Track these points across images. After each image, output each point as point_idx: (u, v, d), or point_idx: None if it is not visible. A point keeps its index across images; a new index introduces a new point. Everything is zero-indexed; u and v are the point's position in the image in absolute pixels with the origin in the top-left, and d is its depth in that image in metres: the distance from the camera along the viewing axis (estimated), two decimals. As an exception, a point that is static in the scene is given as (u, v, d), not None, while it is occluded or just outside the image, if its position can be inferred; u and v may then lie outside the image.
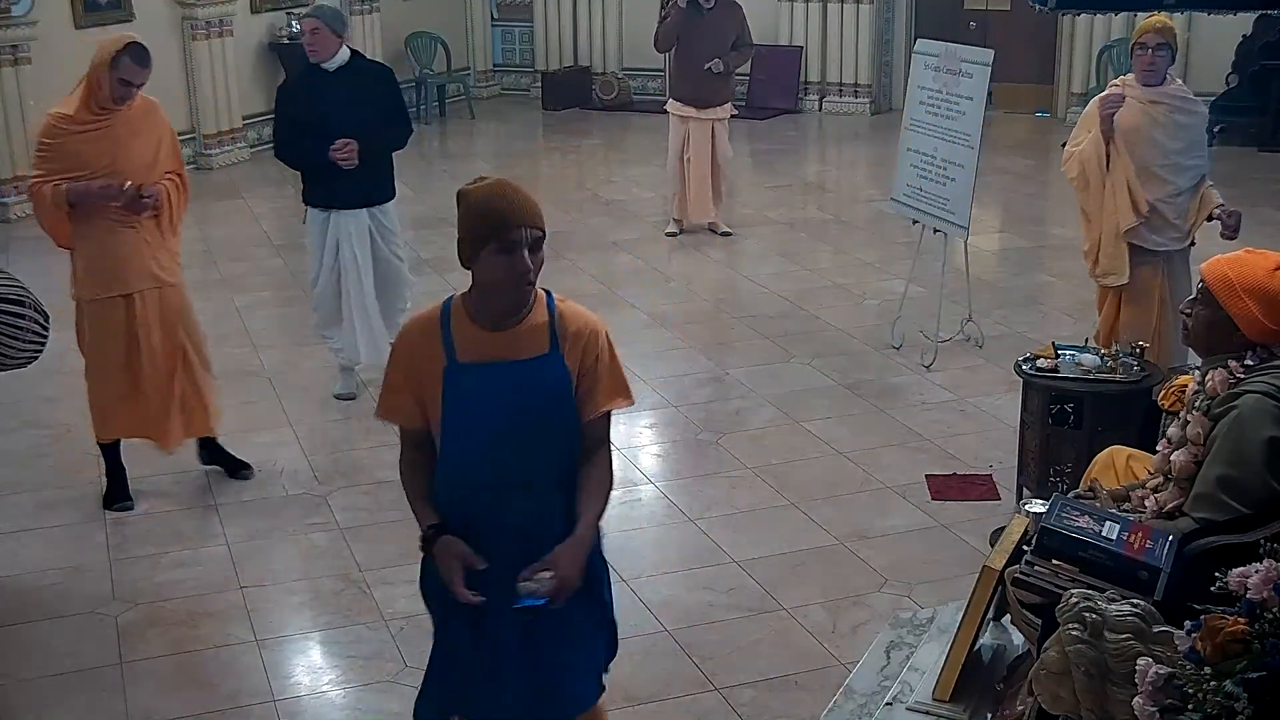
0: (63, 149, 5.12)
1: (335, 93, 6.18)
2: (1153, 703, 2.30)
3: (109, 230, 5.20)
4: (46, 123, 5.22)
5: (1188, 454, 3.30)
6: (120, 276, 5.25)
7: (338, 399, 6.62)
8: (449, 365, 2.96)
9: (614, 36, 15.18)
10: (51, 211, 5.15)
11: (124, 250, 5.24)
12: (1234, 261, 3.30)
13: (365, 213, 6.44)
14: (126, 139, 5.18)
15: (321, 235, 6.47)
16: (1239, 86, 12.32)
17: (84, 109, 5.14)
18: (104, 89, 5.10)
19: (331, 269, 6.49)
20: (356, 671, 4.39)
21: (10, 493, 5.70)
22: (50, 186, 5.11)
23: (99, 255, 5.23)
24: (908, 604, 4.59)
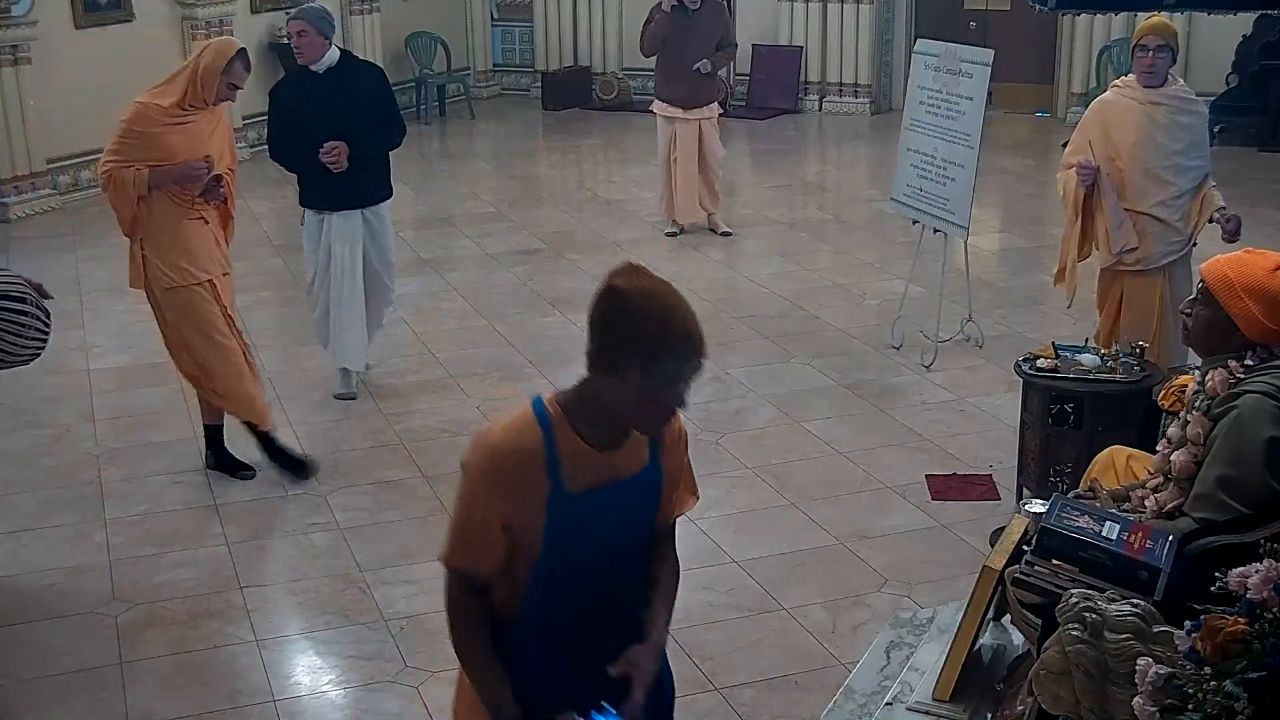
0: (151, 138, 5.27)
1: (324, 95, 6.15)
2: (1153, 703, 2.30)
3: (181, 220, 5.39)
4: (138, 110, 5.32)
5: (1188, 454, 3.30)
6: (201, 263, 5.44)
7: (338, 399, 6.62)
8: (554, 494, 2.51)
9: (614, 36, 15.18)
10: (129, 195, 5.30)
11: (198, 238, 5.44)
12: (1234, 261, 3.30)
13: (359, 214, 6.42)
14: (207, 134, 5.39)
15: (316, 237, 6.47)
16: (1239, 86, 12.31)
17: (179, 102, 5.31)
18: (209, 90, 5.30)
19: (326, 271, 6.47)
20: (356, 671, 4.39)
21: (10, 493, 5.70)
22: (132, 171, 5.26)
23: (174, 244, 5.39)
24: (908, 604, 4.59)
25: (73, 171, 10.62)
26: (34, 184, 10.43)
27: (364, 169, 6.23)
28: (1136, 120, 5.44)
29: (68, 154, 10.48)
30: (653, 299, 2.50)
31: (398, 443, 6.12)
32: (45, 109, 10.38)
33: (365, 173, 6.26)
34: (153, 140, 5.28)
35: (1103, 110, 5.56)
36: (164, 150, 5.29)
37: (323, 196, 6.35)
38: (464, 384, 6.82)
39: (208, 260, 5.48)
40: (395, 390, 6.75)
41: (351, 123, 6.14)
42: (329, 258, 6.45)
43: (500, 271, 8.80)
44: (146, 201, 5.32)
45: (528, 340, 7.45)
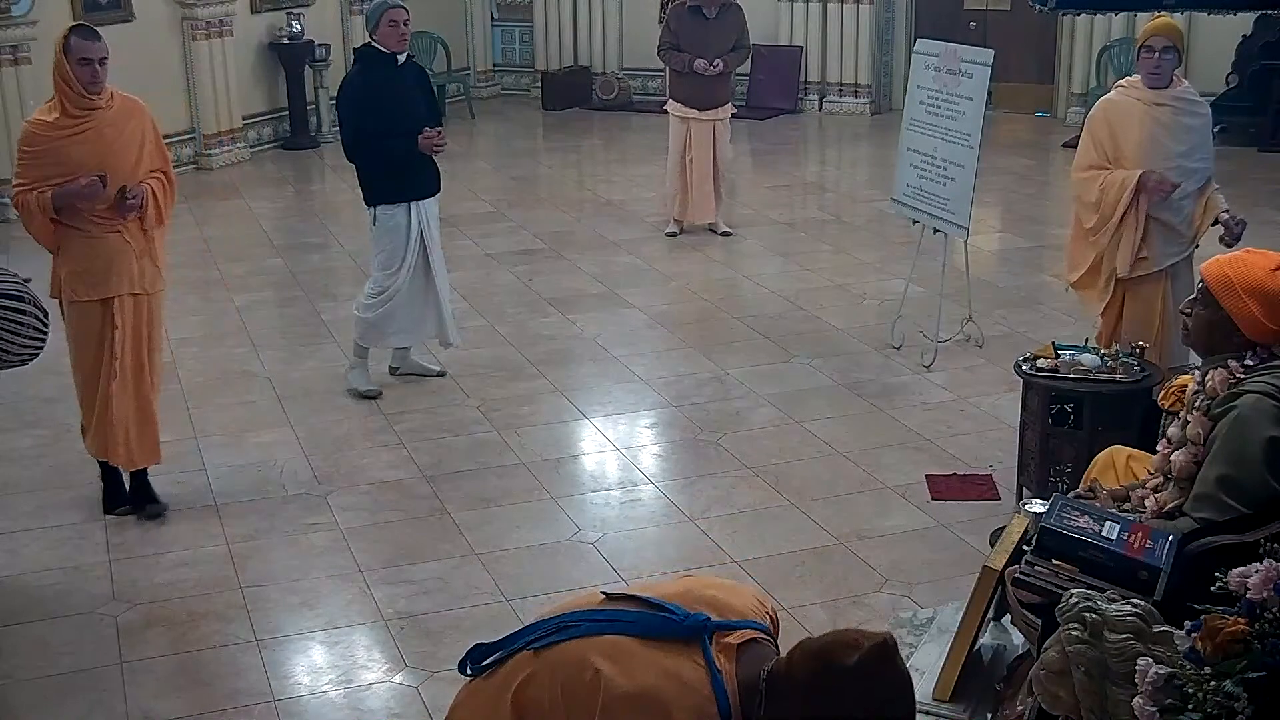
0: (46, 155, 5.07)
1: (408, 83, 6.41)
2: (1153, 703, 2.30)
3: (92, 234, 5.15)
4: (26, 131, 5.15)
5: (1188, 454, 3.31)
6: (101, 280, 5.17)
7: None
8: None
9: (614, 36, 15.17)
10: (39, 219, 5.09)
11: (107, 254, 5.17)
12: (1234, 262, 3.31)
13: (435, 200, 6.63)
14: (111, 138, 5.14)
15: (403, 232, 6.47)
16: (1239, 86, 12.31)
17: (62, 113, 5.09)
18: (72, 81, 5.04)
19: (415, 264, 6.52)
20: (356, 671, 4.39)
21: (10, 493, 5.70)
22: (35, 194, 5.04)
23: (82, 258, 5.16)
24: (908, 604, 4.58)
25: (73, 171, 10.62)
26: (34, 184, 10.41)
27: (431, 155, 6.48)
28: (1141, 121, 5.42)
29: (68, 154, 10.46)
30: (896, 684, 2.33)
31: (398, 443, 6.12)
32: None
33: (433, 159, 6.51)
34: (50, 156, 5.06)
35: (1108, 111, 5.55)
36: (66, 164, 5.02)
37: (415, 186, 6.47)
38: (464, 384, 6.82)
39: (117, 278, 5.16)
40: (395, 390, 6.75)
41: (432, 108, 6.54)
42: (420, 246, 6.52)
43: (500, 271, 8.80)
44: (61, 217, 5.09)
45: (528, 340, 7.45)
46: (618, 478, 5.77)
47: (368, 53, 6.48)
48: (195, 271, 8.87)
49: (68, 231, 5.14)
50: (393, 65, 6.38)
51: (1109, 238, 5.48)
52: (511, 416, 6.40)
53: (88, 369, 5.26)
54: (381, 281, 6.55)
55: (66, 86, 5.06)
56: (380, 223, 6.50)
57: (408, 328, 6.69)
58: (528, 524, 5.34)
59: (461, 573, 4.97)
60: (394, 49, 6.36)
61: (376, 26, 6.37)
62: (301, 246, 9.54)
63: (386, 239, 6.51)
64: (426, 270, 6.59)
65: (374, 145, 6.32)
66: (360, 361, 6.72)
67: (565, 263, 8.96)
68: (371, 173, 6.46)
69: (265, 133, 12.91)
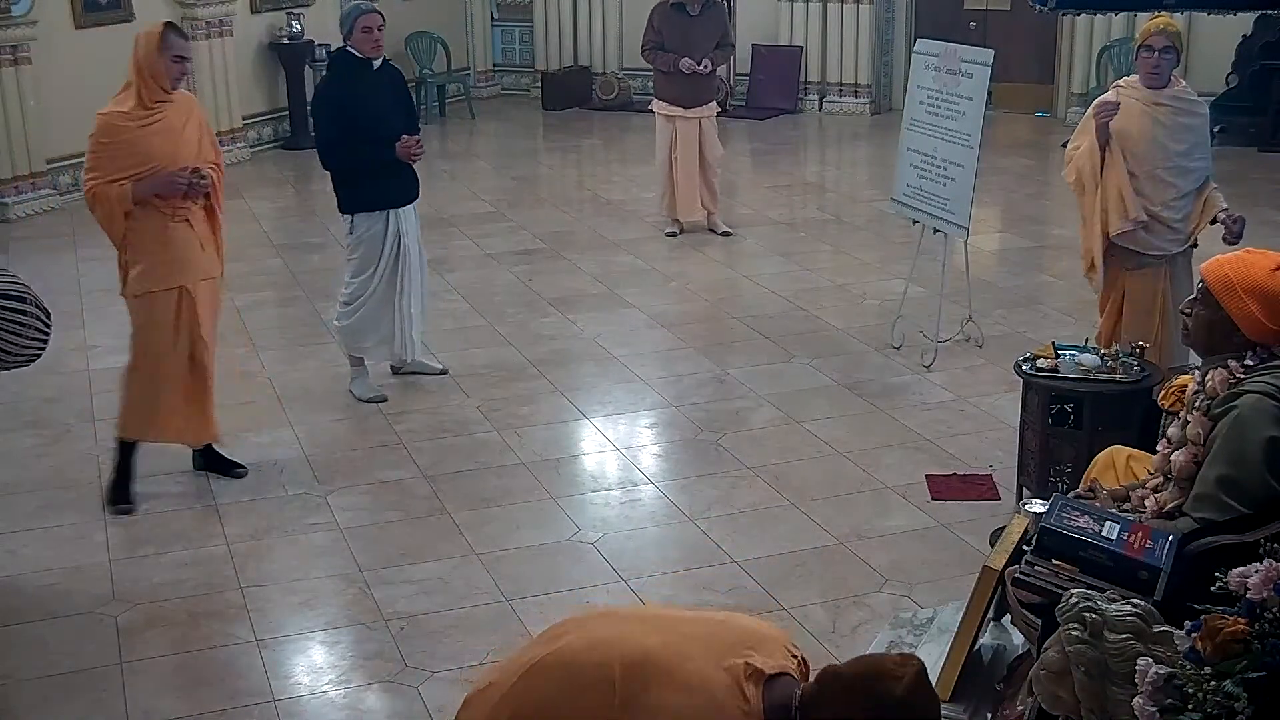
0: (124, 146, 5.20)
1: (384, 89, 6.36)
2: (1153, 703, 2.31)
3: (164, 225, 5.31)
4: (103, 122, 5.24)
5: (1188, 454, 3.31)
6: (177, 270, 5.36)
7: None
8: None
9: (614, 36, 15.18)
10: (115, 211, 5.23)
11: (179, 243, 5.36)
12: (1234, 261, 3.31)
13: (412, 206, 6.58)
14: (179, 129, 5.31)
15: (379, 239, 6.44)
16: (1239, 86, 12.31)
17: (139, 104, 5.24)
18: (160, 75, 5.22)
19: (394, 270, 6.49)
20: (356, 671, 4.39)
21: (10, 493, 5.70)
22: (116, 187, 5.18)
23: (156, 250, 5.31)
24: (908, 604, 4.58)
25: (73, 171, 10.58)
26: (34, 184, 10.43)
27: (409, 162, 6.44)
28: (1140, 121, 5.43)
29: (68, 154, 10.44)
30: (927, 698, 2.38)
31: (398, 443, 6.12)
32: (45, 109, 10.38)
33: (411, 166, 6.46)
34: (126, 148, 5.19)
35: (1106, 110, 5.55)
36: (141, 155, 5.19)
37: (392, 193, 6.42)
38: (464, 384, 6.82)
39: (189, 267, 5.37)
40: (395, 390, 6.75)
41: (409, 114, 6.49)
42: (397, 254, 6.48)
43: (500, 271, 8.80)
44: (132, 211, 5.24)
45: (528, 340, 7.45)
46: (618, 478, 5.77)
47: (341, 58, 6.43)
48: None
49: (138, 226, 5.28)
50: (368, 70, 6.33)
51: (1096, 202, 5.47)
52: (511, 416, 6.40)
53: (161, 355, 5.42)
54: (354, 287, 6.52)
55: (150, 79, 5.23)
56: (357, 230, 6.46)
57: (385, 336, 6.62)
58: (528, 524, 5.35)
59: (461, 573, 4.97)
60: (368, 54, 6.30)
61: (351, 32, 6.32)
62: (301, 246, 9.54)
63: (363, 246, 6.48)
64: (395, 278, 6.51)
65: (350, 152, 6.27)
66: (359, 370, 6.71)
67: (565, 263, 8.96)
68: (349, 180, 6.41)
69: (265, 133, 12.91)
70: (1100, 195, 5.46)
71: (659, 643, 2.47)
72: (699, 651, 2.46)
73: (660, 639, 2.48)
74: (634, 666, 2.41)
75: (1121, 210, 5.41)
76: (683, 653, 2.45)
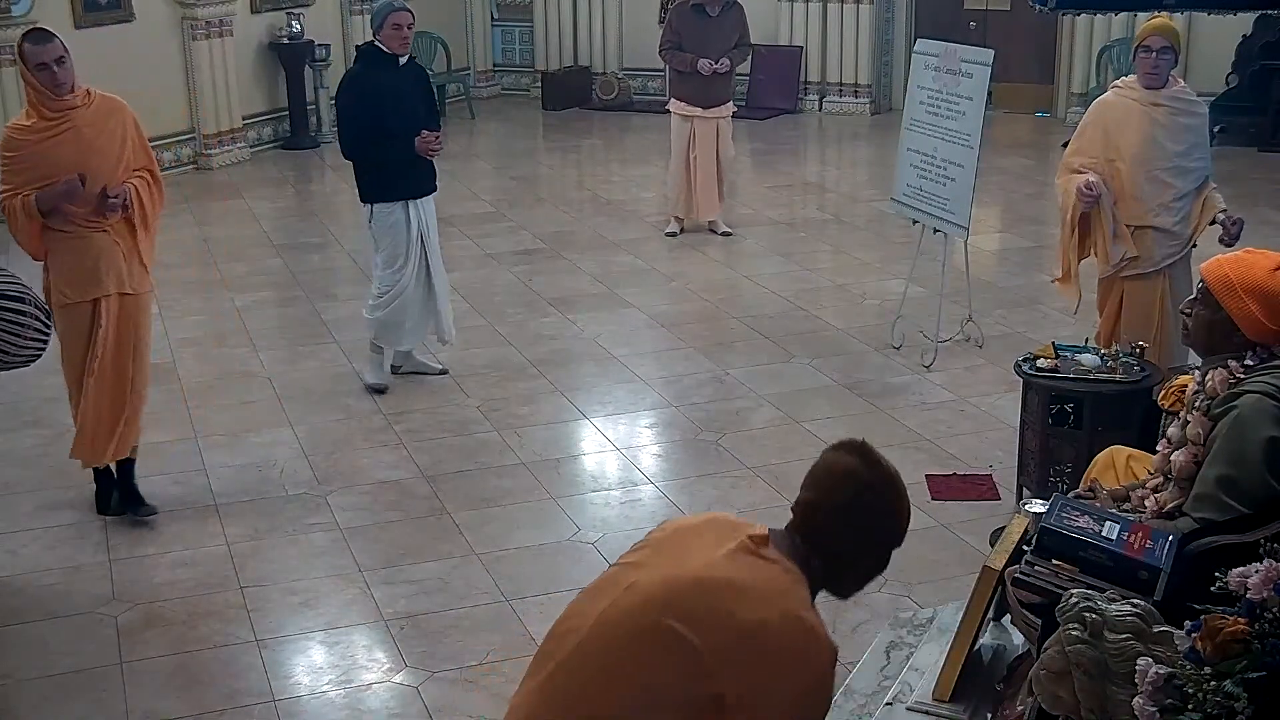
0: (26, 159, 5.06)
1: (409, 84, 6.47)
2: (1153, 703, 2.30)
3: (80, 235, 5.13)
4: (5, 136, 5.15)
5: (1188, 454, 3.30)
6: (90, 281, 5.14)
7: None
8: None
9: (614, 36, 15.17)
10: (25, 224, 5.07)
11: (94, 254, 5.14)
12: (1234, 261, 3.31)
13: (431, 199, 6.68)
14: (91, 137, 5.11)
15: (403, 230, 6.53)
16: (1239, 86, 12.31)
17: (37, 116, 5.09)
18: (36, 88, 5.05)
19: (420, 259, 6.60)
20: (356, 671, 4.39)
21: (10, 493, 5.70)
22: (20, 199, 5.04)
23: (70, 260, 5.14)
24: (908, 604, 4.58)
25: (73, 171, 10.61)
26: (34, 184, 10.41)
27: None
28: (1138, 121, 5.43)
29: (68, 154, 10.46)
30: (900, 489, 2.58)
31: (398, 443, 6.12)
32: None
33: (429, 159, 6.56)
34: (30, 160, 5.04)
35: (1103, 111, 5.55)
36: (48, 166, 5.00)
37: (411, 185, 6.52)
38: (464, 384, 6.82)
39: (105, 278, 5.15)
40: (396, 390, 6.75)
41: (430, 110, 6.61)
42: (421, 245, 6.59)
43: (500, 271, 8.80)
44: (48, 221, 5.08)
45: (528, 340, 7.45)
46: (618, 478, 5.77)
47: (370, 51, 6.54)
48: (195, 271, 8.88)
49: (54, 235, 5.12)
50: (394, 66, 6.44)
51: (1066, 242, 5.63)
52: (511, 416, 6.40)
53: (76, 369, 5.25)
54: (388, 280, 6.60)
55: (34, 92, 5.08)
56: (378, 220, 6.56)
57: (417, 326, 6.77)
58: (528, 524, 5.35)
59: (461, 573, 4.97)
60: (396, 50, 6.44)
61: (381, 27, 6.45)
62: (301, 246, 9.54)
63: (387, 237, 6.57)
64: (426, 267, 6.66)
65: (372, 143, 6.36)
66: (375, 356, 6.81)
67: (565, 263, 8.96)
68: (369, 170, 6.51)
69: (265, 133, 12.91)
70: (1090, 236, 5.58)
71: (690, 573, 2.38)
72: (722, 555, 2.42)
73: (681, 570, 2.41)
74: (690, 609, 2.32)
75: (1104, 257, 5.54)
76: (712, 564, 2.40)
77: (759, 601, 2.29)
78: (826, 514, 2.49)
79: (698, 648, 2.25)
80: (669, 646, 2.27)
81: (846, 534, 2.48)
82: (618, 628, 2.35)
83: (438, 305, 6.75)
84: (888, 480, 2.54)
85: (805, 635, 2.30)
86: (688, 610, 2.29)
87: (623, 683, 2.31)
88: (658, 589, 2.35)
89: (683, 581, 2.35)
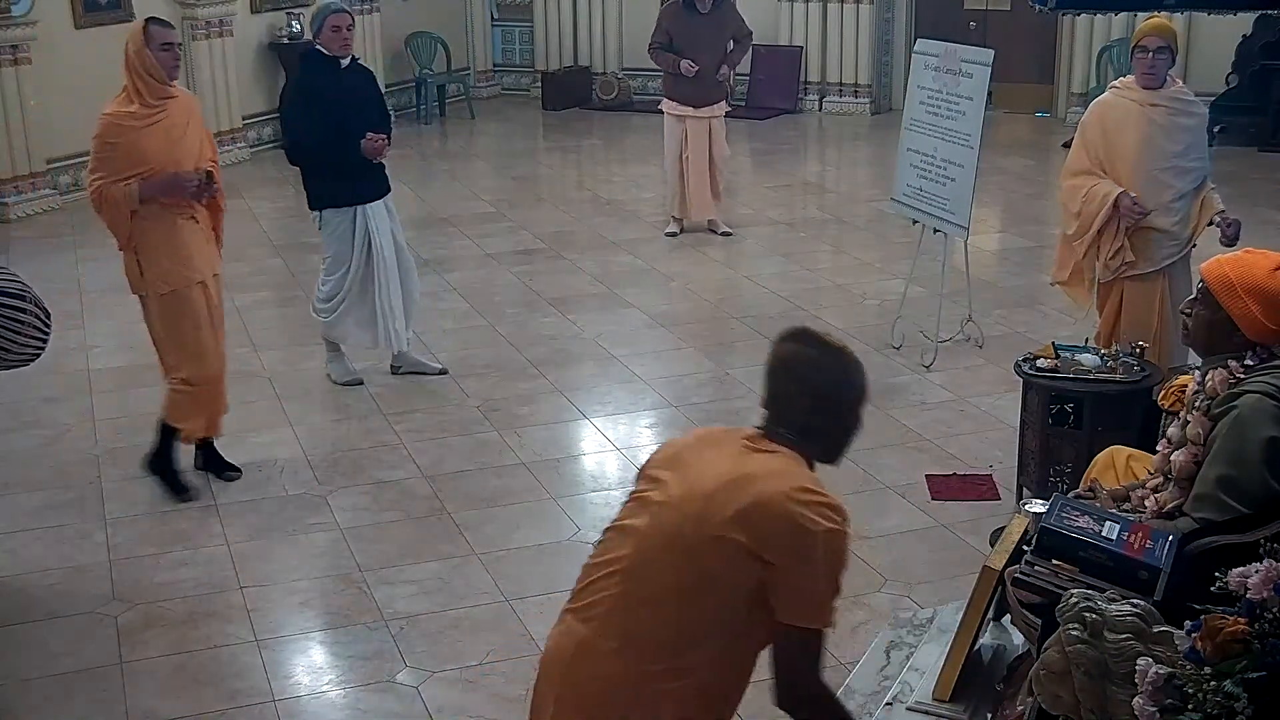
0: (126, 146, 5.22)
1: (352, 87, 6.40)
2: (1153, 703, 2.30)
3: (173, 223, 5.35)
4: (106, 123, 5.26)
5: (1188, 454, 3.30)
6: (194, 266, 5.41)
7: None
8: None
9: (614, 36, 15.18)
10: (122, 211, 5.26)
11: (191, 240, 5.41)
12: (1234, 261, 3.30)
13: (383, 203, 6.61)
14: (181, 129, 5.34)
15: (349, 235, 6.54)
16: (1239, 86, 12.31)
17: (139, 104, 5.26)
18: (155, 68, 5.24)
19: (367, 264, 6.58)
20: (356, 671, 4.39)
21: (10, 493, 5.70)
22: (121, 187, 5.20)
23: (169, 248, 5.35)
24: (908, 604, 4.58)
25: (73, 171, 10.61)
26: (34, 184, 10.43)
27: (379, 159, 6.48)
28: (1136, 122, 5.43)
29: (68, 154, 10.46)
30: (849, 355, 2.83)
31: (398, 443, 6.12)
32: (45, 109, 10.38)
33: (381, 163, 6.51)
34: (131, 147, 5.21)
35: (1102, 112, 5.55)
36: (139, 155, 5.21)
37: (360, 189, 6.50)
38: (464, 384, 6.82)
39: (201, 261, 5.46)
40: (395, 390, 6.75)
41: (378, 112, 6.51)
42: (368, 250, 6.57)
43: (500, 271, 8.80)
44: (139, 211, 5.27)
45: (528, 340, 7.45)
46: (618, 478, 5.76)
47: (311, 56, 6.52)
48: (195, 271, 8.87)
49: (149, 225, 5.31)
50: (335, 69, 6.38)
51: (1085, 247, 5.55)
52: (511, 416, 6.40)
53: (199, 352, 5.49)
54: (332, 283, 6.64)
55: (148, 76, 5.26)
56: (327, 226, 6.57)
57: (364, 324, 6.76)
58: (528, 524, 5.35)
59: (461, 573, 4.97)
60: (336, 52, 6.37)
61: (320, 30, 6.41)
62: (301, 246, 9.53)
63: (333, 242, 6.59)
64: (370, 274, 6.60)
65: (316, 149, 6.33)
66: (335, 354, 6.85)
67: (565, 263, 8.96)
68: (315, 176, 6.50)
69: (265, 133, 12.91)
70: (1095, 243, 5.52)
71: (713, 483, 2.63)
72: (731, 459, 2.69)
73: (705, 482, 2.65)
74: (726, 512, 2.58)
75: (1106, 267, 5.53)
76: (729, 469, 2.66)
77: (776, 484, 2.60)
78: (793, 401, 2.75)
79: (743, 543, 2.56)
80: (719, 551, 2.58)
81: (817, 411, 2.74)
82: (665, 551, 2.63)
83: (384, 316, 6.67)
84: (834, 353, 2.80)
85: (818, 501, 2.60)
86: (725, 514, 2.57)
87: (678, 596, 2.61)
88: (694, 505, 2.62)
89: (711, 491, 2.62)
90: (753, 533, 2.55)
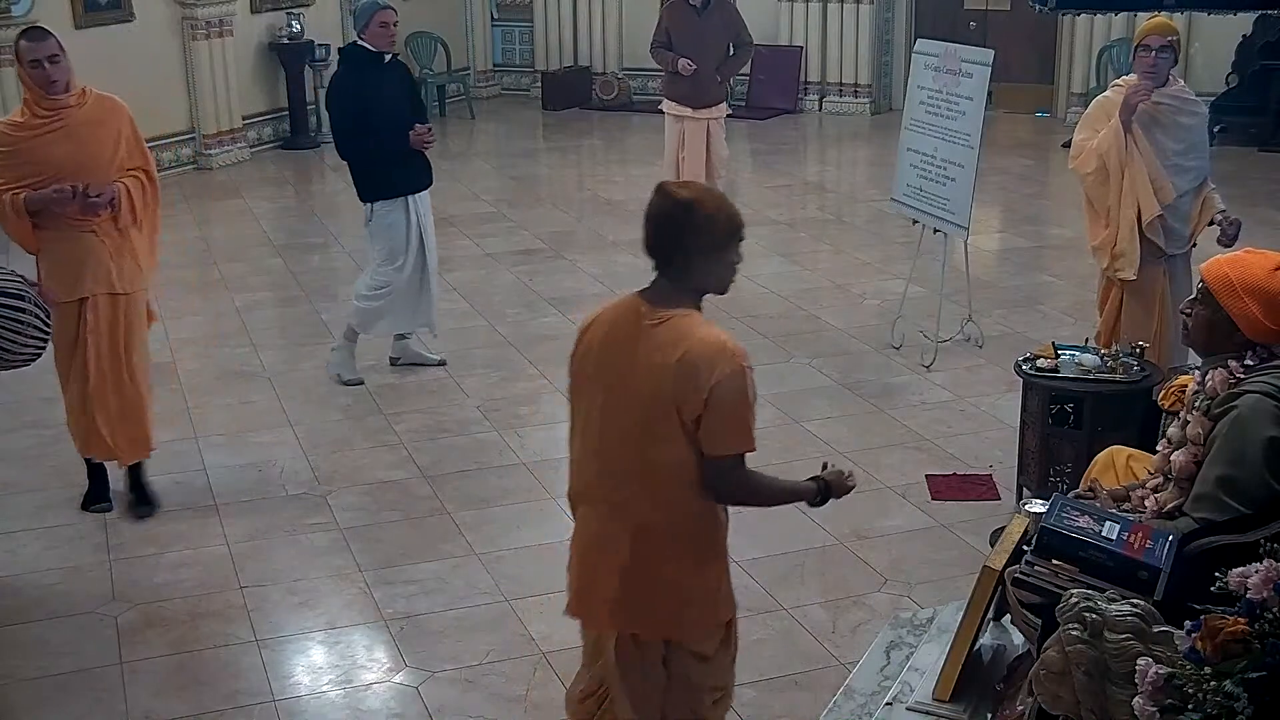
0: (17, 155, 5.07)
1: (394, 81, 6.54)
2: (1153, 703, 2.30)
3: (67, 234, 5.13)
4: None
5: (1188, 454, 3.30)
6: (74, 281, 5.13)
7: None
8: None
9: (614, 36, 15.18)
10: (15, 221, 5.09)
11: (80, 254, 5.15)
12: (1234, 261, 3.30)
13: (428, 193, 6.76)
14: (85, 136, 5.12)
15: (402, 227, 6.63)
16: (1239, 86, 12.32)
17: (30, 114, 5.11)
18: (30, 85, 5.10)
19: (419, 252, 6.69)
20: (356, 671, 4.39)
21: (10, 493, 5.70)
22: (9, 196, 5.04)
23: (58, 259, 5.16)
24: (908, 604, 4.58)
25: (73, 171, 10.61)
26: (34, 184, 10.41)
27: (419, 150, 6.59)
28: (1137, 120, 5.43)
29: (68, 154, 10.45)
30: (719, 197, 3.31)
31: (398, 443, 6.12)
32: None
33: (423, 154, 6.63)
34: (21, 157, 5.05)
35: (1106, 108, 5.55)
36: (37, 164, 5.02)
37: (408, 180, 6.62)
38: (464, 384, 6.82)
39: (91, 278, 5.14)
40: (395, 390, 6.75)
41: (418, 106, 6.69)
42: (420, 238, 6.68)
43: (500, 271, 8.80)
44: (39, 219, 5.09)
45: (528, 340, 7.45)
46: (618, 478, 5.76)
47: (355, 52, 6.61)
48: (195, 271, 8.88)
49: (43, 234, 5.15)
50: (379, 64, 6.50)
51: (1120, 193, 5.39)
52: (511, 416, 6.40)
53: (65, 369, 5.29)
54: (385, 275, 6.69)
55: (29, 90, 5.13)
56: (378, 218, 6.63)
57: (403, 316, 6.83)
58: (528, 524, 5.34)
59: (461, 573, 4.97)
60: (382, 48, 6.50)
61: (366, 26, 6.51)
62: (301, 246, 9.54)
63: (386, 234, 6.64)
64: (422, 262, 6.73)
65: (366, 142, 6.42)
66: (348, 345, 6.85)
67: (565, 263, 8.96)
68: (366, 169, 6.56)
69: (265, 133, 12.91)
70: (1128, 183, 5.41)
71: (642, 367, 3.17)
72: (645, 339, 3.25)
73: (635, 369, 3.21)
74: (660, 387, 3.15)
75: (1152, 194, 5.36)
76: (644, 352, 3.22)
77: (684, 343, 3.11)
78: (669, 252, 3.26)
79: (679, 403, 3.12)
80: (667, 416, 3.14)
81: (695, 254, 3.18)
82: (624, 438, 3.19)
83: (431, 299, 6.84)
84: (693, 200, 3.17)
85: (718, 344, 3.14)
86: (661, 388, 3.12)
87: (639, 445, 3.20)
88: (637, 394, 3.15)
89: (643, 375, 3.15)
90: (685, 390, 3.10)
